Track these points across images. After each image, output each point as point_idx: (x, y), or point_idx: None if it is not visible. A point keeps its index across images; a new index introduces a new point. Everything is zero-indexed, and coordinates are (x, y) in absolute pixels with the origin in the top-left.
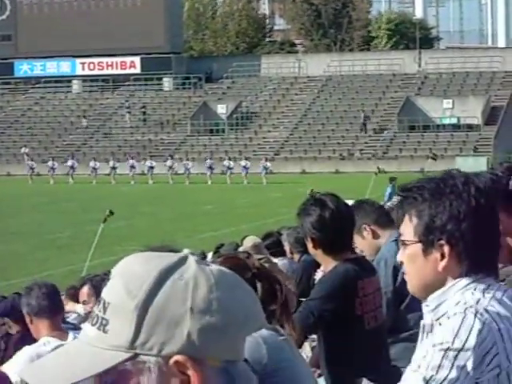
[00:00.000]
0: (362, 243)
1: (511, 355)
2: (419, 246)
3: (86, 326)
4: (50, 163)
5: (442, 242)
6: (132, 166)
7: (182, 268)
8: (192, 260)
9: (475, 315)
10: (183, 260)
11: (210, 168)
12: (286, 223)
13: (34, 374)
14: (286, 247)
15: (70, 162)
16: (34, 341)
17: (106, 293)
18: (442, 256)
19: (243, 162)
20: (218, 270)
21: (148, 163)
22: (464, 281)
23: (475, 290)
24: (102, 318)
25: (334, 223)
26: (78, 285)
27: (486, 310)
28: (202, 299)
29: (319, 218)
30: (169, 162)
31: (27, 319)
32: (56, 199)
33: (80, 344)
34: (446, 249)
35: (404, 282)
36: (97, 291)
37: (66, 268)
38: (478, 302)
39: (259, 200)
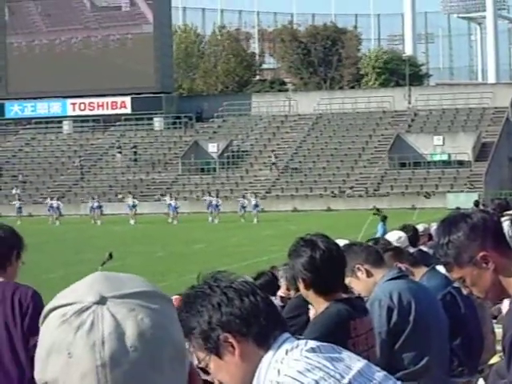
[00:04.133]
0: (359, 284)
1: None
2: None
3: None
4: (54, 203)
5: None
6: (133, 205)
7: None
8: (72, 318)
9: None
10: (79, 308)
11: (217, 206)
12: (278, 261)
13: None
14: (282, 283)
15: (55, 204)
16: None
17: None
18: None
19: (241, 201)
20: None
21: (131, 202)
22: (265, 358)
23: (276, 362)
24: None
25: (324, 264)
26: None
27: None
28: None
29: (310, 259)
30: (168, 200)
31: None
32: (47, 240)
33: None
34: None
35: (399, 322)
36: None
37: None
38: (279, 373)
39: (251, 238)
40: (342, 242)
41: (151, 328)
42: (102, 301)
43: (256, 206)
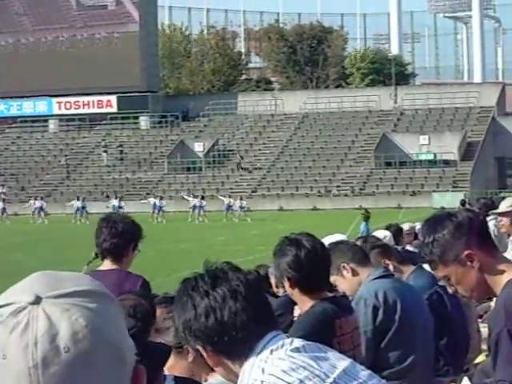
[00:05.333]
0: (344, 283)
1: None
2: None
3: None
4: (38, 203)
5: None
6: (119, 207)
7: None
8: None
9: None
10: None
11: (201, 207)
12: (264, 261)
13: None
14: (272, 281)
15: (38, 203)
16: None
17: None
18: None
19: (226, 200)
20: None
21: (115, 202)
22: (248, 362)
23: (261, 361)
24: None
25: (309, 263)
26: None
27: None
28: None
29: (295, 258)
30: (153, 200)
31: None
32: (33, 239)
33: None
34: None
35: (384, 320)
36: None
37: None
38: (263, 372)
39: (236, 238)
40: (340, 237)
41: (85, 328)
42: (37, 301)
43: (241, 207)
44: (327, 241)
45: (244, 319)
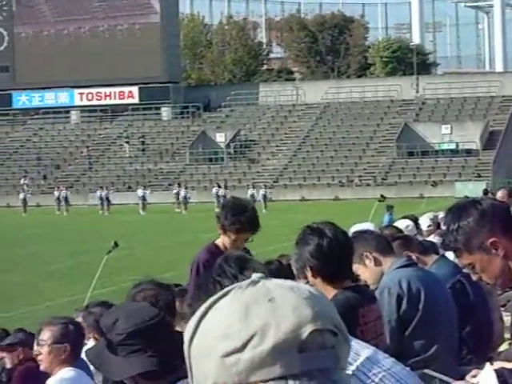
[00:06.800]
0: (365, 272)
1: None
2: None
3: None
4: (62, 193)
5: None
6: (143, 197)
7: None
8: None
9: None
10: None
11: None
12: (285, 251)
13: None
14: (295, 271)
15: (63, 194)
16: (42, 374)
17: None
18: None
19: (250, 191)
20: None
21: (141, 193)
22: None
23: None
24: None
25: (332, 251)
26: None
27: None
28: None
29: (317, 247)
30: (176, 190)
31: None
32: (54, 230)
33: None
34: None
35: (408, 309)
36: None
37: (66, 299)
38: None
39: None
40: (368, 227)
41: None
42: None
43: (265, 196)
44: (354, 230)
45: None
